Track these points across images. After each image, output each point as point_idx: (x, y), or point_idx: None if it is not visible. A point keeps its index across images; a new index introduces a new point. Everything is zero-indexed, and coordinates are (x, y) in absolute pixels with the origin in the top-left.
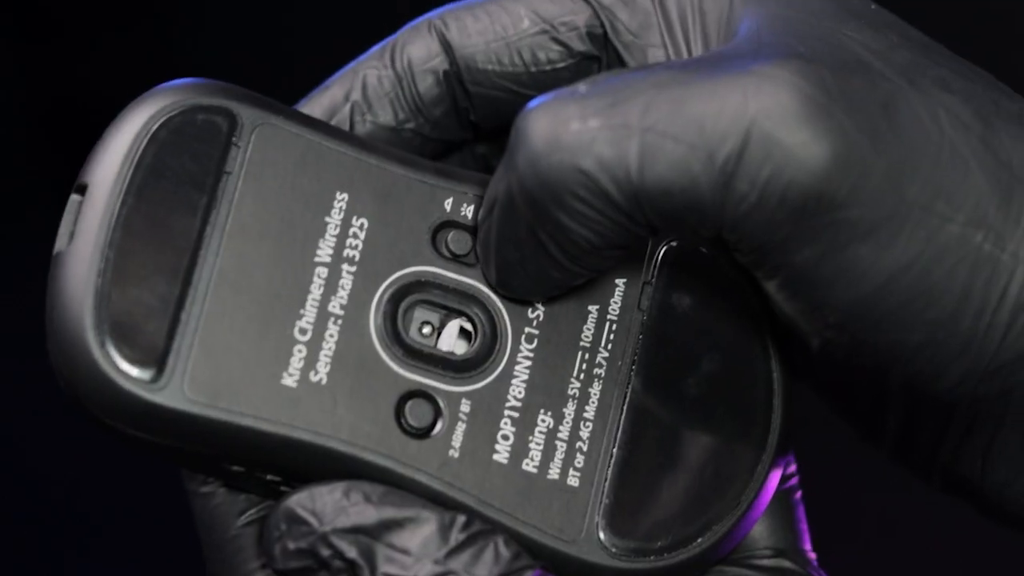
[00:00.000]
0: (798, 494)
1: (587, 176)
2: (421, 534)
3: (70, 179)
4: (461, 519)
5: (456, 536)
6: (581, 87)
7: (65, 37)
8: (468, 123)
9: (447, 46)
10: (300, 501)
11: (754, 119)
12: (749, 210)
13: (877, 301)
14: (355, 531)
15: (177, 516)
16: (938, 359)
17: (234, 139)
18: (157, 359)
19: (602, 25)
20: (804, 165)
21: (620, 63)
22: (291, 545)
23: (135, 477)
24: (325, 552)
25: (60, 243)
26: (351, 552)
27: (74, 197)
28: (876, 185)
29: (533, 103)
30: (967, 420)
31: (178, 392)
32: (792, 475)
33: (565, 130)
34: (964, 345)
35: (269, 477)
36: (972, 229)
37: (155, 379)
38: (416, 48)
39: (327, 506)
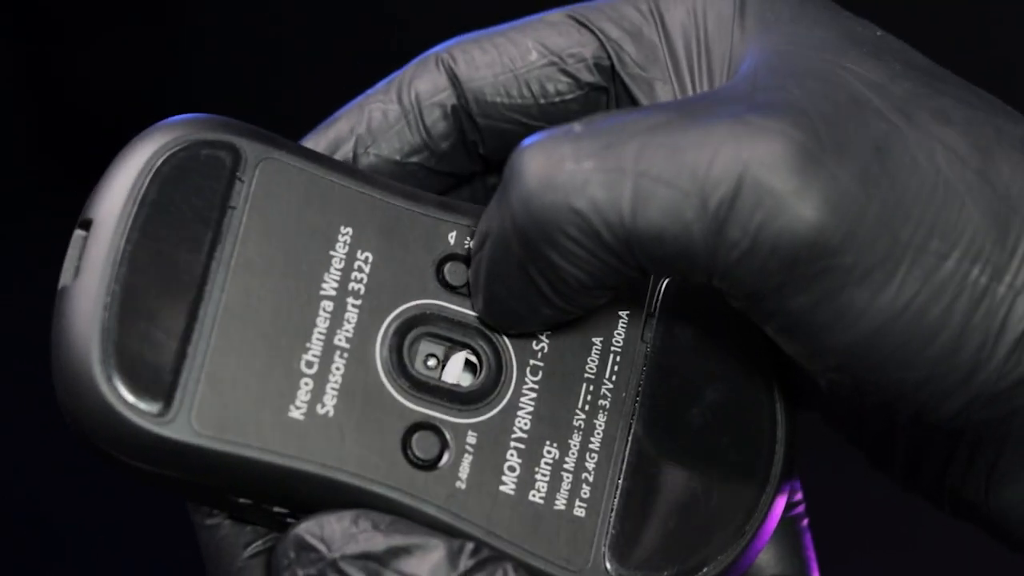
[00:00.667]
0: (805, 521)
1: (580, 216)
2: (430, 561)
3: (70, 180)
4: (469, 546)
5: (465, 562)
6: (576, 127)
7: (65, 37)
8: (477, 156)
9: (455, 80)
10: (309, 529)
11: (747, 167)
12: (741, 257)
13: (876, 343)
14: (364, 558)
15: (183, 519)
16: (940, 392)
17: (238, 174)
18: (164, 392)
19: (609, 57)
20: (796, 213)
21: (628, 95)
22: (300, 572)
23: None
24: None
25: (65, 278)
26: None
27: (78, 233)
28: (869, 230)
29: (528, 141)
30: (970, 446)
31: (185, 425)
32: (799, 503)
33: (559, 170)
34: (965, 377)
35: (276, 509)
36: (968, 264)
37: (162, 412)
38: (423, 82)
39: (336, 533)
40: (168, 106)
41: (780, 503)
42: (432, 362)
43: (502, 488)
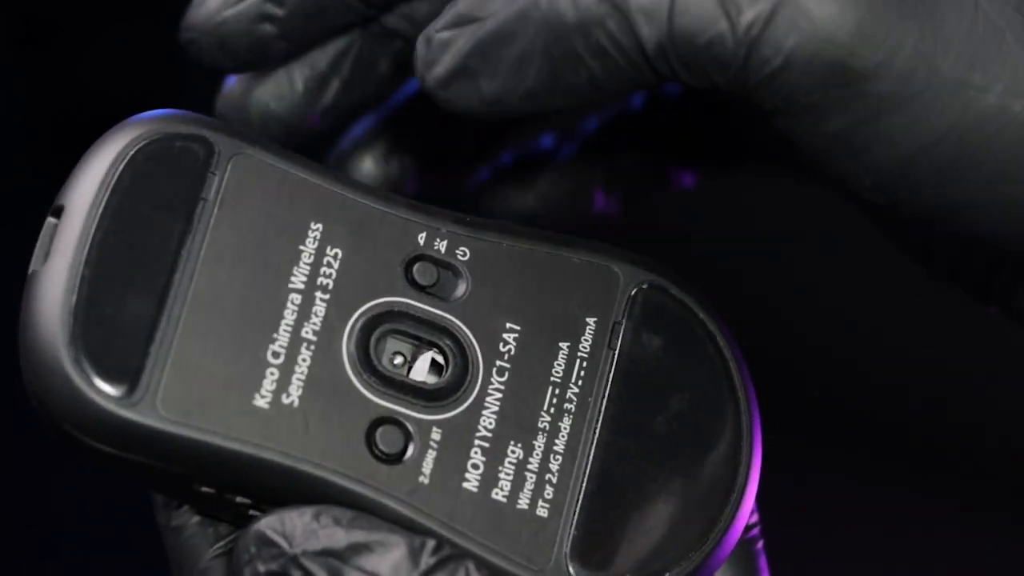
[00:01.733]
0: (760, 544)
1: (621, 12)
2: (391, 558)
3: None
4: (431, 543)
5: (426, 560)
6: None
7: (64, 38)
8: None
9: None
10: (270, 524)
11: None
12: (773, 73)
13: (912, 167)
14: (325, 554)
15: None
16: (981, 220)
17: (211, 167)
18: (130, 376)
19: None
20: (830, 37)
21: None
22: (261, 568)
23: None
24: (296, 574)
25: (35, 263)
26: (321, 575)
27: (50, 220)
28: (906, 59)
29: None
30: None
31: (150, 409)
32: (755, 525)
33: None
34: (1005, 209)
35: (239, 500)
36: (1011, 99)
37: (128, 395)
38: None
39: (297, 529)
40: (167, 106)
41: (744, 512)
42: (399, 360)
43: (465, 485)
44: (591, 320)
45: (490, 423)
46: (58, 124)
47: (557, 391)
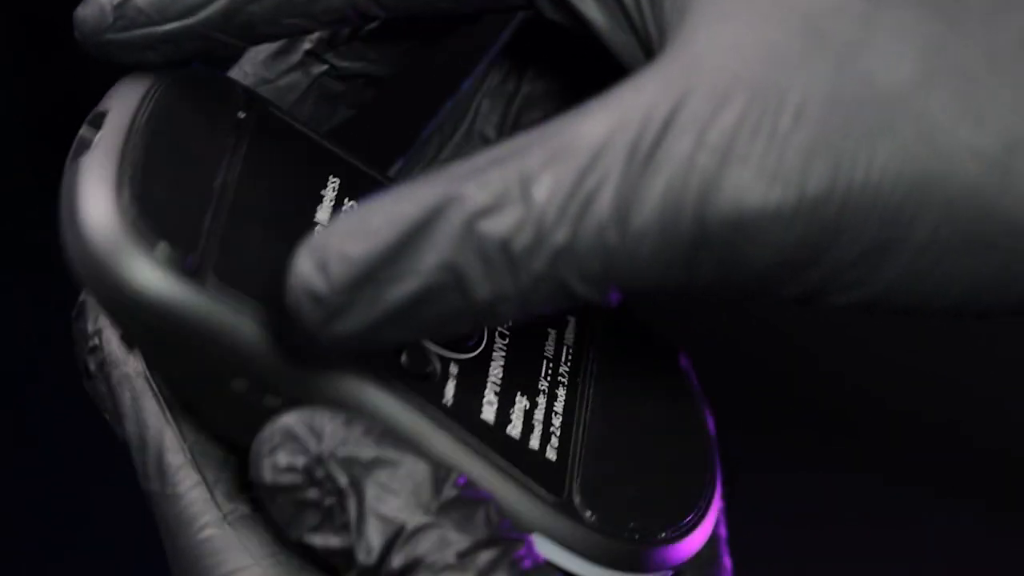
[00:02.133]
0: (723, 539)
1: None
2: (414, 480)
3: None
4: (455, 475)
5: (448, 491)
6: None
7: (64, 38)
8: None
9: None
10: (300, 418)
11: (707, 217)
12: (713, 281)
13: (885, 300)
14: (350, 462)
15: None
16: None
17: (240, 106)
18: (186, 246)
19: None
20: (765, 242)
21: None
22: (283, 460)
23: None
24: (319, 473)
25: (76, 154)
26: (343, 481)
27: (86, 128)
28: (849, 232)
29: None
30: None
31: (202, 283)
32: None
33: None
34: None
35: (268, 399)
36: (967, 223)
37: (182, 264)
38: None
39: (326, 429)
40: None
41: (719, 491)
42: None
43: (483, 416)
44: (570, 318)
45: (499, 373)
46: (58, 124)
47: (551, 365)
